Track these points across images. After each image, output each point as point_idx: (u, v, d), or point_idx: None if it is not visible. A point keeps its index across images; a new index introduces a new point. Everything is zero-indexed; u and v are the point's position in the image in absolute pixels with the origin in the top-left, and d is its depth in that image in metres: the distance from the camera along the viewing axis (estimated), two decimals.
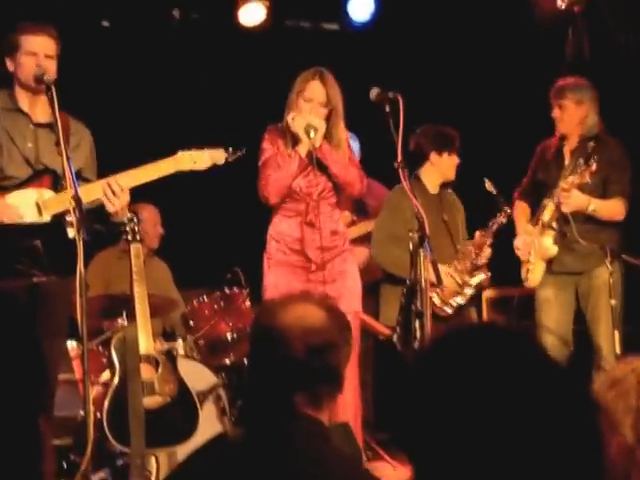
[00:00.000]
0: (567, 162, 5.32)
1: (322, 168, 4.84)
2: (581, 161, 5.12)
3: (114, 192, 4.19)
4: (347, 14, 6.95)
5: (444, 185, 5.57)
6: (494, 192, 5.42)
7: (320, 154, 4.79)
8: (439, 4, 6.79)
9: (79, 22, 6.32)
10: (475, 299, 5.62)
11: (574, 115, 5.28)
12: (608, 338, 5.09)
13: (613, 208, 5.24)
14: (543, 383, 1.27)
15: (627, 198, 5.26)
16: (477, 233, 5.46)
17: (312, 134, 4.73)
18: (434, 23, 6.83)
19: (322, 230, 4.83)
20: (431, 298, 5.27)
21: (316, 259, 4.82)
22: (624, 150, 5.31)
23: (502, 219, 5.44)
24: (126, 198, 4.24)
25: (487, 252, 5.41)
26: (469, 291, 5.38)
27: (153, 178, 4.32)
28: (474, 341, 1.33)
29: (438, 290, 5.20)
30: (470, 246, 5.42)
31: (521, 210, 5.53)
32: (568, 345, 5.31)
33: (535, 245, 5.31)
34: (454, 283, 5.31)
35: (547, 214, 5.28)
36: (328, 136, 4.85)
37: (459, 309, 5.37)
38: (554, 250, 5.27)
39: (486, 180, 5.42)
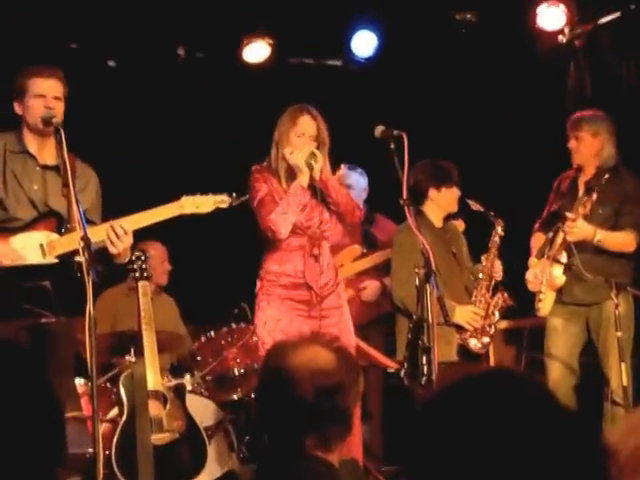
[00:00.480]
0: (581, 193, 5.31)
1: (321, 199, 4.89)
2: (583, 191, 5.16)
3: (117, 235, 4.22)
4: (350, 50, 7.00)
5: (448, 217, 5.60)
6: (481, 209, 5.45)
7: (322, 184, 4.84)
8: (442, 40, 6.83)
9: (85, 62, 6.38)
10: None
11: (590, 147, 5.29)
12: (618, 371, 5.06)
13: (621, 240, 5.21)
14: (553, 429, 1.29)
15: (639, 231, 5.23)
16: (483, 257, 5.50)
17: (314, 165, 4.78)
18: (437, 59, 6.87)
19: (321, 264, 4.87)
20: (468, 344, 5.34)
21: (317, 290, 4.85)
22: (639, 183, 5.31)
23: (499, 232, 5.46)
24: (129, 241, 4.26)
25: (498, 266, 5.44)
26: (495, 319, 5.45)
27: (156, 221, 4.36)
28: (486, 386, 1.35)
29: (469, 333, 5.31)
30: (481, 273, 5.46)
31: (538, 241, 5.53)
32: (575, 374, 5.31)
33: (546, 275, 5.33)
34: (482, 319, 5.36)
35: (557, 244, 5.30)
36: None
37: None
38: (562, 280, 5.26)
39: (468, 201, 5.45)
